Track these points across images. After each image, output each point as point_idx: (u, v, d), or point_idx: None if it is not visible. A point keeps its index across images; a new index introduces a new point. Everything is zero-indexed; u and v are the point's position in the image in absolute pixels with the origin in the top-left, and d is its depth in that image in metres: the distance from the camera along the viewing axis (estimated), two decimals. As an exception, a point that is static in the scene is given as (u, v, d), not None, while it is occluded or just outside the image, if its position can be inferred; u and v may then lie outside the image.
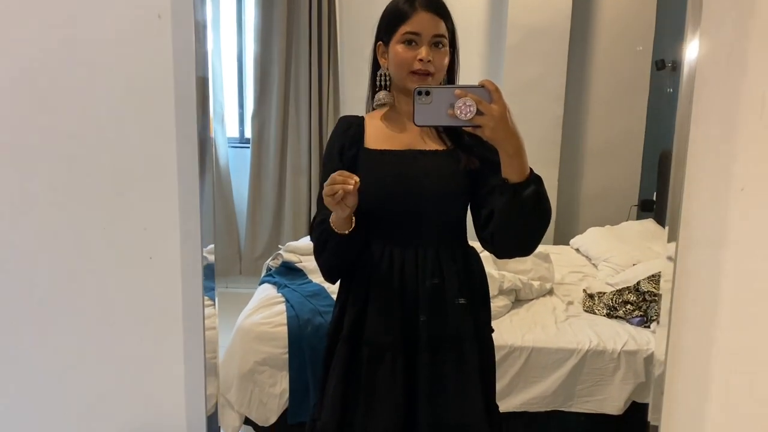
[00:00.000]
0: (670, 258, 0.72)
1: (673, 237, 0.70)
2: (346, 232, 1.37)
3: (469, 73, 1.54)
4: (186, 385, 1.01)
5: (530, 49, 3.84)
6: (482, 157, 1.42)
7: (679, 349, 0.78)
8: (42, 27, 0.86)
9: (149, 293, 0.95)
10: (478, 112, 1.17)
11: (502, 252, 1.42)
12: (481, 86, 1.18)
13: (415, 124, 1.22)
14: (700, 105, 0.67)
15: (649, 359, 2.42)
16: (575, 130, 4.18)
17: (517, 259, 2.89)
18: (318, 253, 1.46)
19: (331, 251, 1.41)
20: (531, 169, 1.27)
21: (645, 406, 2.19)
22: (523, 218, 1.28)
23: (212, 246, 1.10)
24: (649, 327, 2.55)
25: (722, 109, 0.67)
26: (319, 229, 1.42)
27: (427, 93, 1.19)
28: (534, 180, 1.27)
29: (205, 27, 0.88)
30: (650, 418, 0.82)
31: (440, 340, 1.43)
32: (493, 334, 1.55)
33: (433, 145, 1.45)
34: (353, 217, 1.37)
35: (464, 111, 1.17)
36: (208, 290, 1.12)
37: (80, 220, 0.95)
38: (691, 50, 0.66)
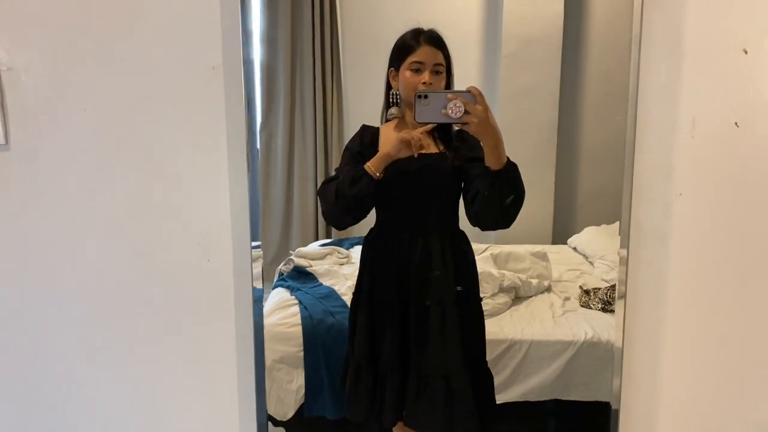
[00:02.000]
0: (623, 258, 0.88)
1: (624, 241, 0.86)
2: (378, 174, 1.74)
3: (468, 81, 1.80)
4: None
5: (525, 58, 4.00)
6: (467, 156, 1.82)
7: (634, 338, 0.95)
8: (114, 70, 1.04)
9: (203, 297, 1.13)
10: (466, 112, 1.49)
11: (486, 225, 1.80)
12: (468, 91, 1.51)
13: (416, 121, 1.56)
14: (642, 126, 0.83)
15: (641, 349, 2.57)
16: (570, 133, 4.33)
17: (516, 258, 3.07)
18: (339, 198, 1.77)
19: (356, 192, 1.73)
20: (508, 158, 1.63)
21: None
22: (503, 197, 1.65)
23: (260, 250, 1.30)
24: (641, 319, 2.71)
25: (660, 130, 0.84)
26: (349, 175, 1.77)
27: (426, 96, 1.52)
28: (510, 167, 1.64)
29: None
30: (612, 402, 0.98)
31: (425, 303, 1.85)
32: (494, 329, 1.97)
33: (432, 148, 1.84)
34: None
35: (455, 111, 1.49)
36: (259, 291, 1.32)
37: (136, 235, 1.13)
38: (633, 88, 0.83)
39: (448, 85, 1.88)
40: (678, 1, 0.77)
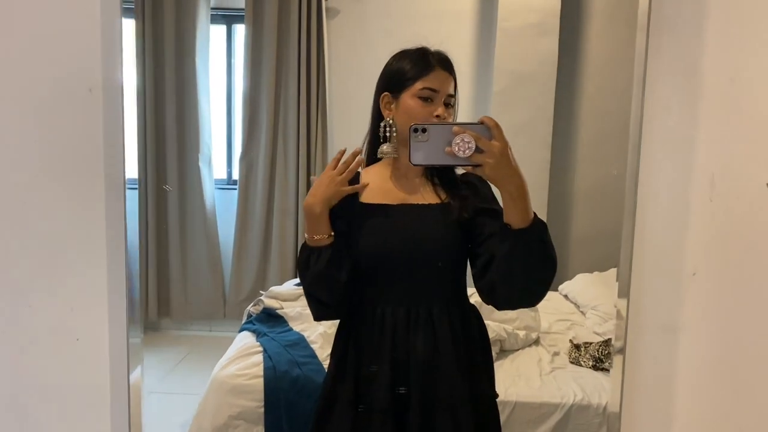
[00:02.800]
0: (620, 349, 0.68)
1: (621, 331, 0.66)
2: (324, 241, 1.35)
3: (457, 118, 1.52)
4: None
5: (517, 95, 3.85)
6: (478, 207, 1.39)
7: (637, 406, 0.74)
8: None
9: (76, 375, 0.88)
10: (477, 150, 1.12)
11: (504, 302, 1.34)
12: (481, 123, 1.13)
13: (412, 163, 1.17)
14: (648, 183, 0.64)
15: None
16: (563, 175, 4.17)
17: (503, 307, 2.85)
18: (303, 279, 1.41)
19: (314, 274, 1.37)
20: (535, 213, 1.22)
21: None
22: (528, 267, 1.22)
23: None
24: (635, 380, 2.49)
25: (669, 190, 0.65)
26: (304, 253, 1.39)
27: (424, 130, 1.14)
28: (538, 225, 1.21)
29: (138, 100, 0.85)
30: None
31: (432, 406, 1.36)
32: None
33: (428, 198, 1.42)
34: (330, 231, 1.37)
35: (462, 148, 1.11)
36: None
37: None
38: (635, 133, 0.64)
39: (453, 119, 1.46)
40: (695, 21, 0.59)
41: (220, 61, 4.40)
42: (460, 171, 1.46)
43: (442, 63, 1.39)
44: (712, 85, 0.63)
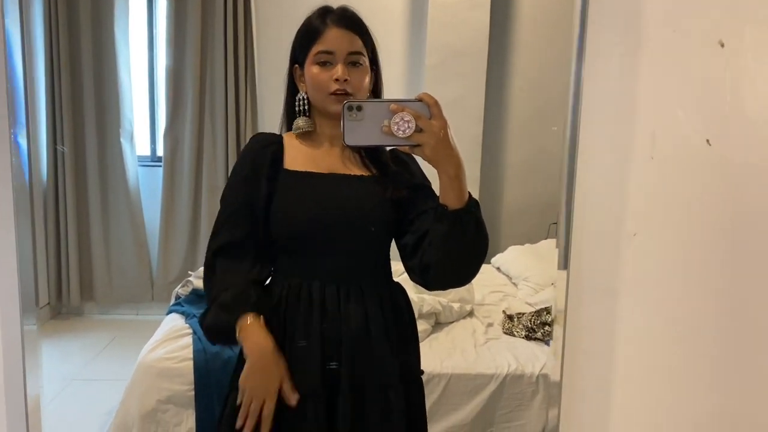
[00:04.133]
0: (560, 310, 0.66)
1: (562, 293, 0.64)
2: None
3: (388, 93, 1.46)
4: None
5: (450, 70, 3.84)
6: (409, 184, 1.34)
7: (577, 374, 0.72)
8: None
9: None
10: (417, 129, 1.05)
11: (438, 283, 1.30)
12: (419, 100, 1.07)
13: (345, 144, 1.10)
14: (588, 141, 0.62)
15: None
16: (495, 149, 4.21)
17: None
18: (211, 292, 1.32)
19: (215, 331, 1.31)
20: (469, 193, 1.18)
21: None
22: (464, 247, 1.19)
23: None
24: (566, 348, 2.55)
25: (609, 148, 0.62)
26: (218, 309, 1.29)
27: (359, 108, 1.06)
28: (474, 206, 1.18)
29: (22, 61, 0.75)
30: None
31: (363, 386, 1.31)
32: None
33: (356, 170, 1.35)
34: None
35: (401, 127, 1.05)
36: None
37: None
38: (575, 91, 0.61)
39: (377, 84, 1.39)
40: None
41: (142, 33, 4.17)
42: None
43: (339, 20, 1.31)
44: (653, 38, 0.60)
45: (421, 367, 1.45)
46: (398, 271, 1.34)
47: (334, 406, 1.31)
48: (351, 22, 1.32)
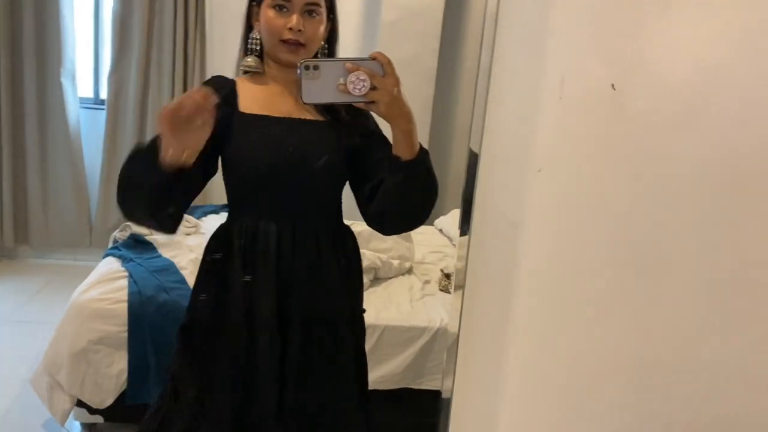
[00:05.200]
0: (463, 240, 0.70)
1: (467, 218, 0.68)
2: (180, 166, 1.13)
3: (342, 49, 1.47)
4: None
5: (405, 28, 3.82)
6: (362, 130, 1.39)
7: (475, 326, 0.77)
8: None
9: None
10: (372, 87, 1.11)
11: (391, 228, 1.42)
12: (373, 59, 1.12)
13: (303, 102, 1.15)
14: (497, 81, 0.64)
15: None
16: (445, 111, 4.24)
17: (380, 237, 2.89)
18: (127, 189, 1.21)
19: (149, 189, 1.17)
20: (420, 144, 1.25)
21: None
22: (416, 195, 1.28)
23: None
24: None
25: (520, 87, 0.65)
26: (138, 158, 1.19)
27: (315, 67, 1.10)
28: (424, 156, 1.26)
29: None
30: (443, 392, 0.80)
31: (314, 321, 1.39)
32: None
33: (311, 115, 1.38)
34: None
35: (357, 86, 1.11)
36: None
37: None
38: (489, 29, 0.64)
39: (332, 37, 1.42)
40: None
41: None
42: None
43: None
44: (568, -18, 0.63)
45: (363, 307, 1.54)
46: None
47: (284, 342, 1.37)
48: None
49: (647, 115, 0.66)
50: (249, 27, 1.40)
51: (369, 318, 2.38)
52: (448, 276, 2.84)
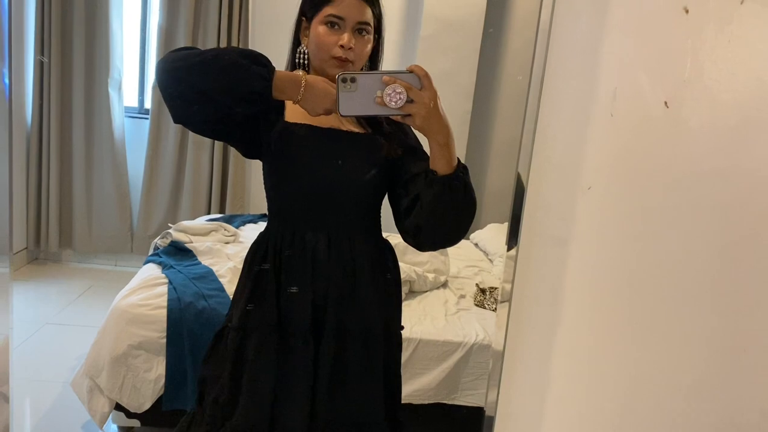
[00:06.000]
0: (510, 257, 0.69)
1: (514, 234, 0.67)
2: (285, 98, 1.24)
3: (382, 55, 1.48)
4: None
5: (444, 42, 3.83)
6: (402, 144, 1.39)
7: (519, 343, 0.76)
8: None
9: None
10: (408, 100, 1.11)
11: (427, 244, 1.37)
12: (410, 72, 1.12)
13: (340, 114, 1.14)
14: (548, 97, 0.64)
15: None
16: (482, 126, 4.23)
17: (414, 250, 2.88)
18: (202, 76, 1.21)
19: (233, 92, 1.21)
20: (458, 159, 1.24)
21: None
22: (452, 210, 1.26)
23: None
24: (534, 323, 2.61)
25: (571, 103, 0.65)
26: (254, 86, 1.22)
27: (353, 80, 1.11)
28: (462, 170, 1.24)
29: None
30: (486, 409, 0.79)
31: (349, 332, 1.39)
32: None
33: (353, 127, 1.40)
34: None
35: (394, 99, 1.10)
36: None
37: None
38: (542, 44, 0.63)
39: (376, 55, 1.43)
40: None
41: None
42: None
43: None
44: (619, 3, 0.63)
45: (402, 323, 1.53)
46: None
47: (319, 348, 1.39)
48: None
49: (701, 132, 0.65)
50: (297, 41, 1.42)
51: (404, 331, 2.39)
52: (483, 291, 2.82)
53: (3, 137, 0.88)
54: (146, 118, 4.10)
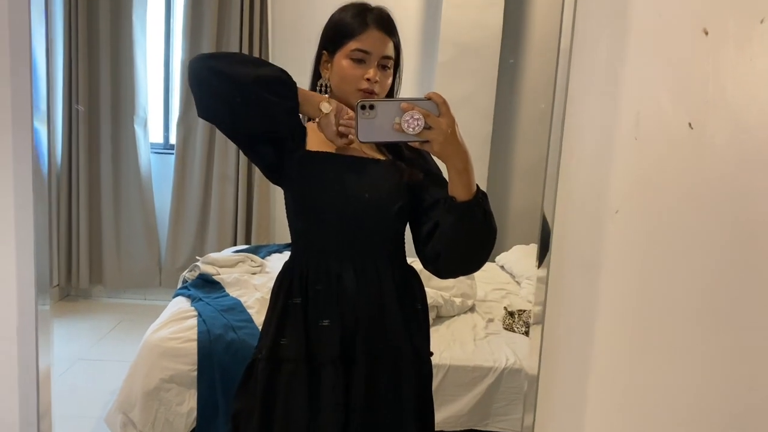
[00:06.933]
0: (541, 280, 0.69)
1: (544, 257, 0.67)
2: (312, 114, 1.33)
3: (400, 87, 1.51)
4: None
5: (461, 66, 3.86)
6: (423, 170, 1.40)
7: (554, 366, 0.75)
8: None
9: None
10: (426, 126, 1.12)
11: (447, 272, 1.36)
12: (428, 99, 1.13)
13: (359, 141, 1.16)
14: (572, 123, 0.65)
15: (564, 378, 2.43)
16: (504, 148, 4.23)
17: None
18: (232, 74, 1.28)
19: (263, 108, 1.30)
20: (477, 185, 1.24)
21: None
22: (471, 238, 1.25)
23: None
24: (565, 345, 2.57)
25: (595, 128, 0.65)
26: (280, 76, 1.30)
27: (372, 107, 1.13)
28: (481, 197, 1.23)
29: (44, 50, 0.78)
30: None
31: (378, 361, 1.38)
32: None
33: (373, 154, 1.42)
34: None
35: (412, 125, 1.12)
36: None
37: None
38: (563, 68, 0.64)
39: (393, 86, 1.45)
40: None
41: (160, 23, 4.23)
42: None
43: (379, 23, 1.37)
44: (640, 23, 0.63)
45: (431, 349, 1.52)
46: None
47: (350, 377, 1.38)
48: (389, 26, 1.38)
49: (727, 152, 0.65)
50: (317, 74, 1.45)
51: (433, 357, 2.37)
52: (512, 314, 2.79)
53: (41, 180, 0.91)
54: (171, 154, 4.18)
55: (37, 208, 0.88)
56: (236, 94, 1.29)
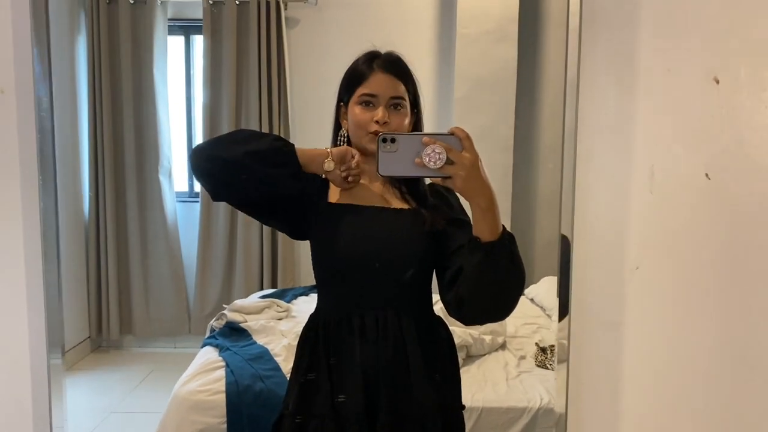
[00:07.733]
0: (562, 339, 0.67)
1: (564, 314, 0.65)
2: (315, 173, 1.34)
3: (422, 127, 1.50)
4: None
5: (478, 100, 3.87)
6: (447, 217, 1.37)
7: (584, 411, 0.72)
8: None
9: None
10: (448, 161, 1.09)
11: (471, 318, 1.31)
12: (451, 134, 1.11)
13: (380, 174, 1.14)
14: (586, 177, 0.63)
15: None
16: (526, 179, 4.20)
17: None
18: (240, 163, 1.29)
19: (264, 174, 1.30)
20: (503, 226, 1.19)
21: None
22: (497, 280, 1.19)
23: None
24: (600, 381, 2.50)
25: (609, 184, 0.63)
26: (274, 145, 1.32)
27: (393, 140, 1.11)
28: (507, 238, 1.18)
29: (49, 102, 0.80)
30: None
31: (401, 417, 1.33)
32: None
33: (396, 203, 1.40)
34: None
35: (433, 159, 1.08)
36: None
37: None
38: (570, 126, 0.63)
39: (416, 126, 1.44)
40: (627, 14, 0.58)
41: (179, 72, 4.34)
42: (427, 180, 1.42)
43: (385, 66, 1.37)
44: (648, 76, 0.62)
45: (462, 402, 1.46)
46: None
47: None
48: (396, 68, 1.38)
49: (747, 202, 0.62)
50: (338, 126, 1.46)
51: (465, 400, 2.31)
52: (544, 350, 2.73)
53: (52, 237, 0.91)
54: (197, 202, 4.23)
55: (47, 265, 0.88)
56: (238, 174, 1.31)
